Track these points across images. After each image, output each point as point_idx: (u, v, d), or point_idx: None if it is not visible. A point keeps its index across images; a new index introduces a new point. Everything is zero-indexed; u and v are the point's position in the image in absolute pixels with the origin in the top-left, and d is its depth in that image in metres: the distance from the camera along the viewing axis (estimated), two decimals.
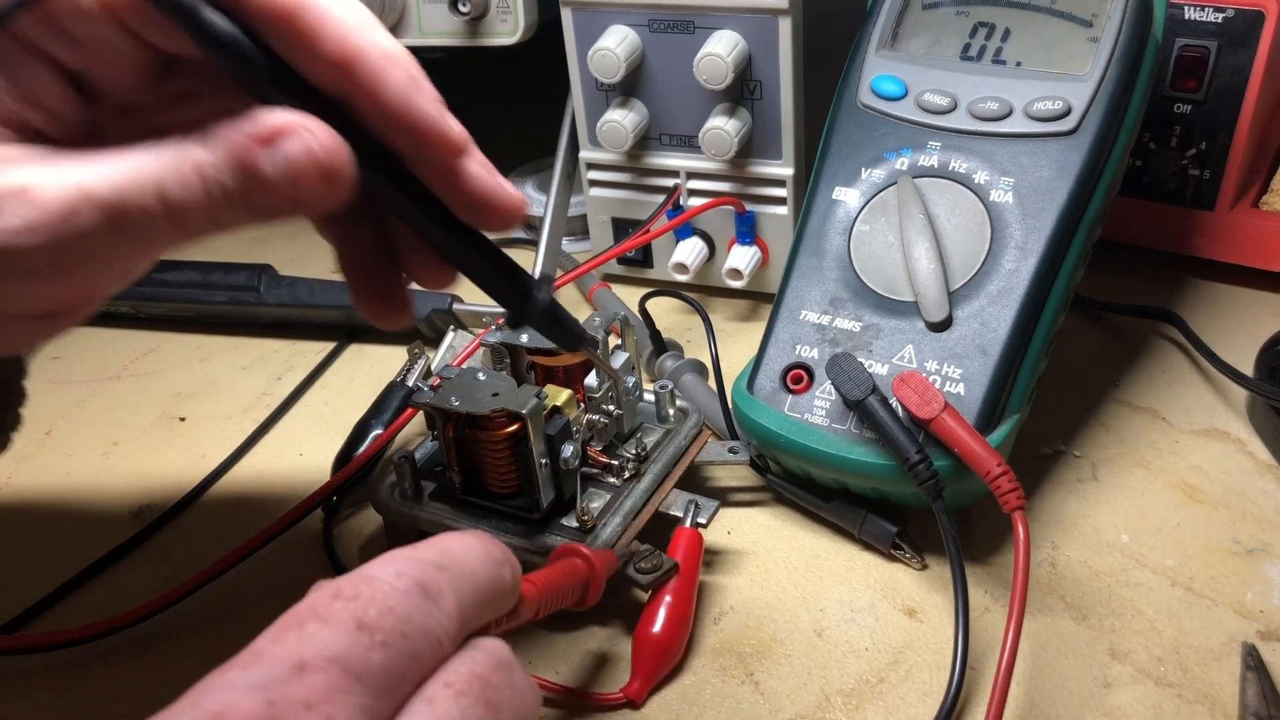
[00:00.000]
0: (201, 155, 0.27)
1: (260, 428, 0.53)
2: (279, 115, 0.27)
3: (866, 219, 0.45)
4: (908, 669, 0.38)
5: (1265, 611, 0.39)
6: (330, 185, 0.28)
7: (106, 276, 0.30)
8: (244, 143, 0.27)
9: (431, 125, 0.29)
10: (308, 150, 0.27)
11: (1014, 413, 0.42)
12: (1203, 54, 0.54)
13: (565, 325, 0.34)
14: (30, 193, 0.27)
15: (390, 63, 0.28)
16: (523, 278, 0.33)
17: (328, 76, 0.28)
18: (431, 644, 0.24)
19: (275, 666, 0.22)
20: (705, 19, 0.53)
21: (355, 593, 0.24)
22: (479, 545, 0.27)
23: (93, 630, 0.40)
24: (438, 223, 0.31)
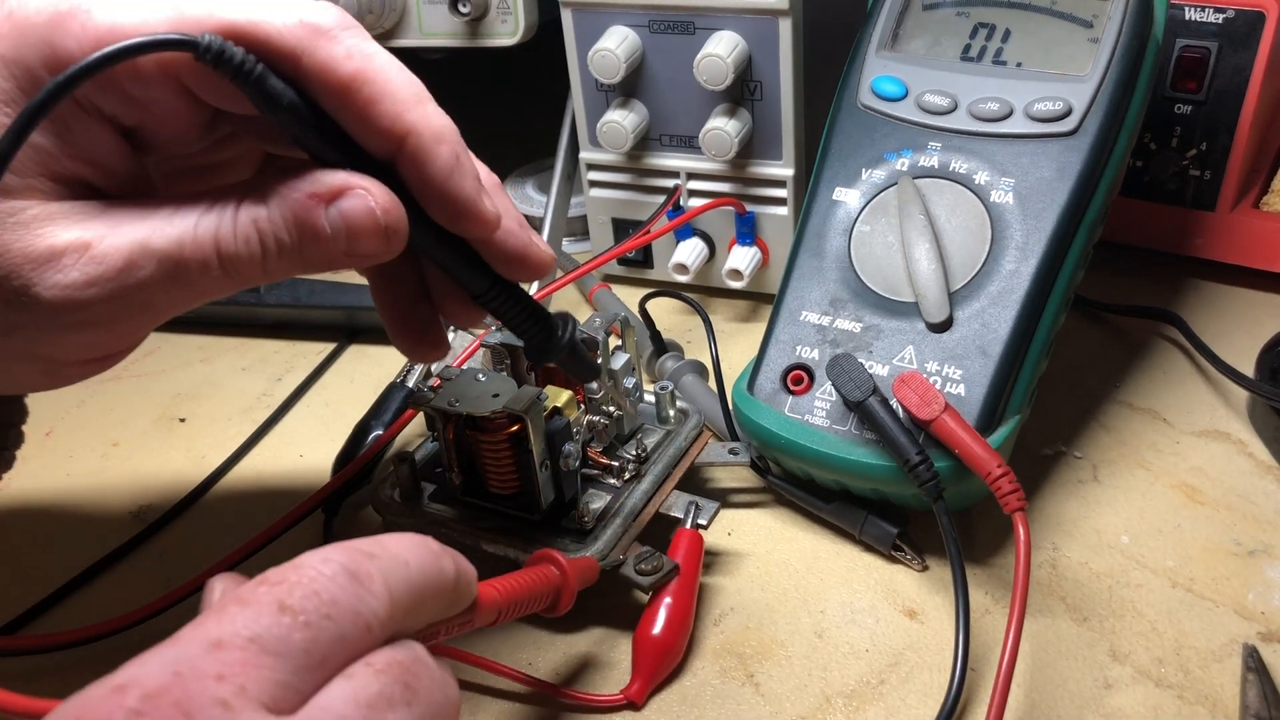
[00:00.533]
0: (260, 213, 0.29)
1: (260, 429, 0.53)
2: (338, 175, 0.29)
3: (867, 219, 0.45)
4: (908, 670, 0.38)
5: (1266, 613, 0.39)
6: (387, 242, 0.29)
7: (159, 323, 0.31)
8: (304, 201, 0.29)
9: (469, 205, 0.31)
10: (367, 209, 0.29)
11: (1014, 414, 0.41)
12: (1203, 55, 0.54)
13: (585, 361, 0.37)
14: (92, 249, 0.28)
15: (439, 142, 0.30)
16: (548, 318, 0.35)
17: (377, 145, 0.30)
18: (360, 627, 0.24)
19: (190, 645, 0.23)
20: (705, 20, 0.53)
21: (281, 578, 0.24)
22: (417, 538, 0.28)
23: (93, 631, 0.40)
24: (471, 274, 0.33)
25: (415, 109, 0.29)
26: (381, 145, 0.30)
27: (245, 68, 0.28)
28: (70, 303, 0.28)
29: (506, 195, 0.34)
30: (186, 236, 0.28)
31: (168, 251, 0.28)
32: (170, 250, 0.28)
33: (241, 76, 0.28)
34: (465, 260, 0.32)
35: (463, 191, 0.30)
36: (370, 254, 0.30)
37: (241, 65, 0.28)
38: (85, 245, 0.28)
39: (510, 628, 0.40)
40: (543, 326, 0.35)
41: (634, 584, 0.39)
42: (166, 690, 0.22)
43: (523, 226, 0.34)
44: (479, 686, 0.38)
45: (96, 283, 0.28)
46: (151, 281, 0.28)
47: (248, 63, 0.28)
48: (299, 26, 0.29)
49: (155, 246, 0.28)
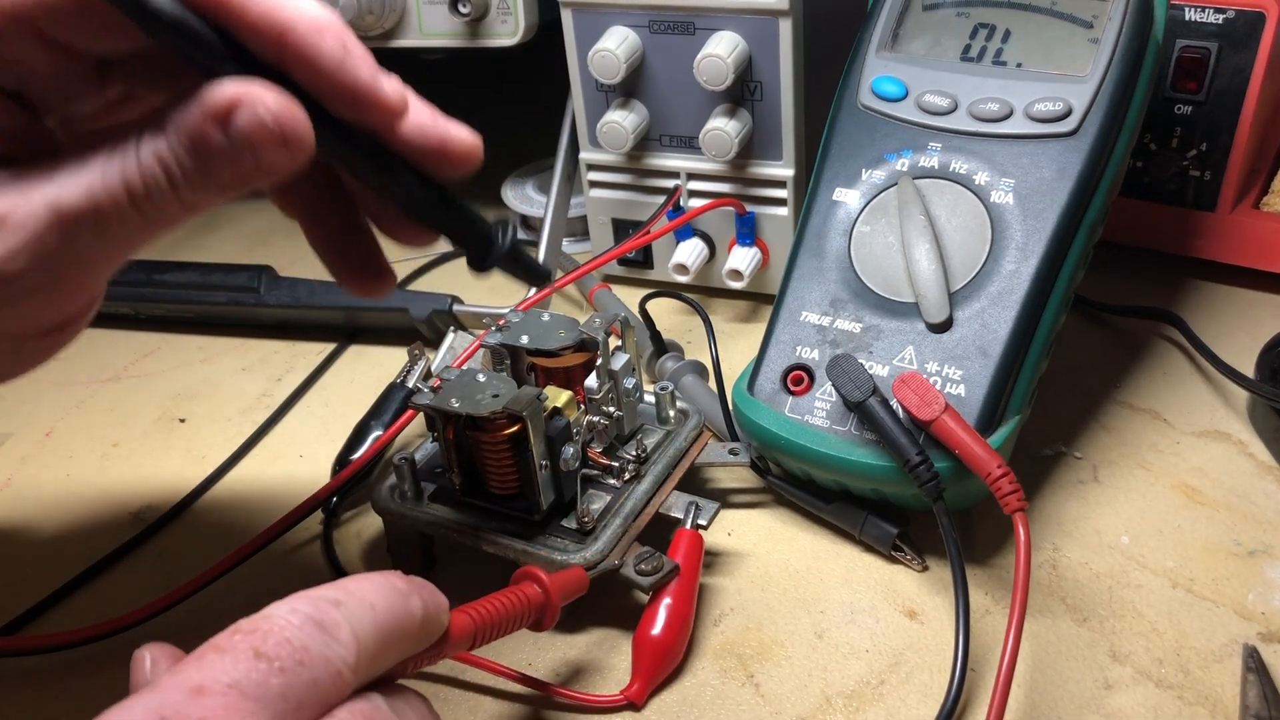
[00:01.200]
0: (160, 145, 0.28)
1: (260, 429, 0.53)
2: (227, 87, 0.27)
3: (867, 220, 0.45)
4: (908, 671, 0.38)
5: (1266, 613, 0.39)
6: (290, 148, 0.28)
7: (101, 279, 0.31)
8: (198, 124, 0.27)
9: (366, 91, 0.29)
10: (259, 119, 0.27)
11: (1015, 414, 0.41)
12: (1203, 55, 0.54)
13: (528, 264, 0.35)
14: (7, 220, 0.28)
15: (320, 33, 0.28)
16: (484, 223, 0.33)
17: (260, 51, 0.28)
18: (330, 673, 0.25)
19: (172, 691, 0.23)
20: (705, 20, 0.53)
21: (253, 627, 0.25)
22: (380, 579, 0.28)
23: (93, 632, 0.40)
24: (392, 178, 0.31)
25: (288, 4, 0.28)
26: (265, 49, 0.28)
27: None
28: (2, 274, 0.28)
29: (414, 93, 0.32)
30: (95, 186, 0.28)
31: (80, 206, 0.28)
32: (82, 204, 0.28)
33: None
34: (382, 163, 0.31)
35: (357, 78, 0.29)
36: (277, 165, 0.28)
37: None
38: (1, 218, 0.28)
39: None
40: (480, 231, 0.33)
41: (634, 584, 0.39)
42: None
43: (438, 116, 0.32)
44: (479, 686, 0.38)
45: (19, 252, 0.28)
46: (72, 240, 0.28)
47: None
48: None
49: (67, 204, 0.28)
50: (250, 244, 0.72)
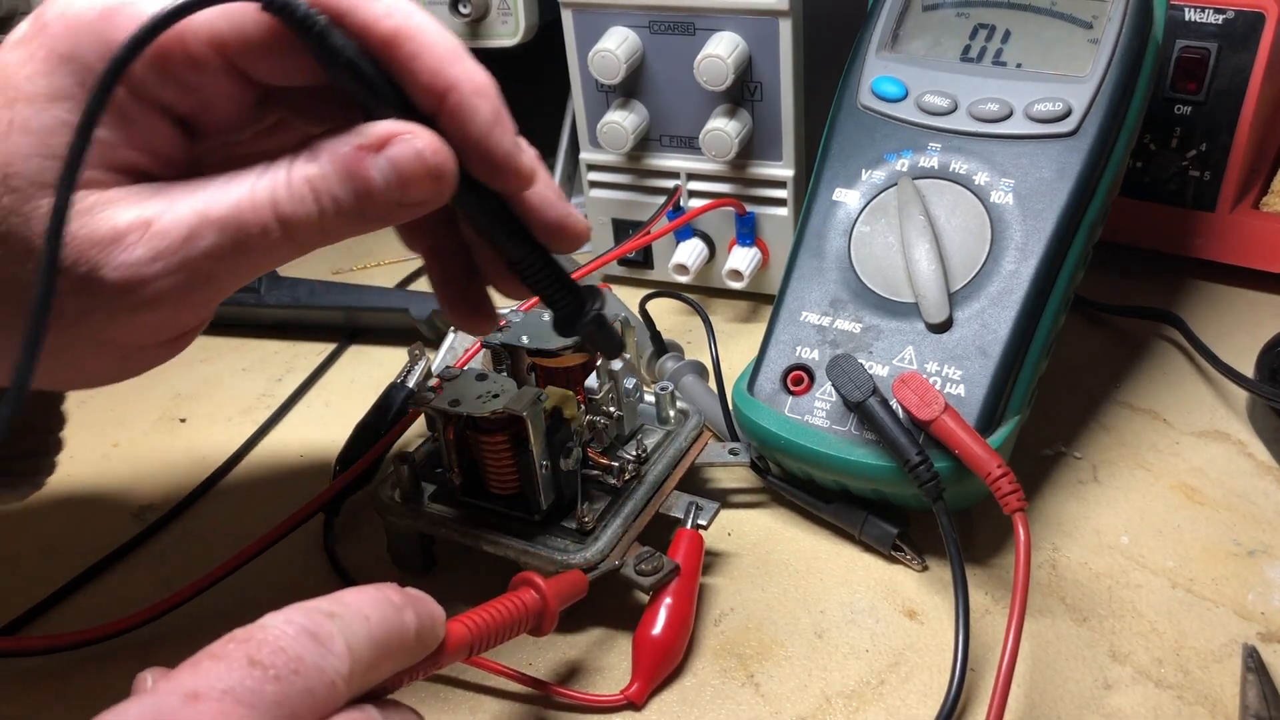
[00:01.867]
0: (312, 170, 0.29)
1: (261, 429, 0.53)
2: (382, 124, 0.29)
3: (867, 220, 0.45)
4: (908, 670, 0.38)
5: (1266, 613, 0.39)
6: (437, 184, 0.29)
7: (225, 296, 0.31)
8: (353, 153, 0.29)
9: (507, 159, 0.31)
10: (415, 151, 0.29)
11: (1014, 414, 0.42)
12: (1203, 55, 0.54)
13: (611, 335, 0.37)
14: (153, 225, 0.28)
15: (481, 96, 0.30)
16: (579, 290, 0.35)
17: (420, 101, 0.30)
18: (325, 683, 0.25)
19: (168, 696, 0.24)
20: (705, 20, 0.53)
21: (248, 636, 0.25)
22: (375, 592, 0.28)
23: (94, 634, 0.40)
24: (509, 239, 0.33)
25: (456, 64, 0.30)
26: (424, 101, 0.30)
27: (311, 19, 0.28)
28: (136, 280, 0.28)
29: (545, 167, 0.35)
30: (244, 201, 0.29)
31: (227, 217, 0.29)
32: (229, 216, 0.29)
33: (306, 29, 0.28)
34: (503, 222, 0.33)
35: (502, 145, 0.30)
36: (422, 200, 0.30)
37: (307, 17, 0.28)
38: (146, 223, 0.28)
39: None
40: (574, 297, 0.35)
41: (634, 584, 0.39)
42: None
43: (560, 197, 0.34)
44: (479, 686, 0.38)
45: (161, 257, 0.28)
46: (214, 250, 0.29)
47: (312, 14, 0.28)
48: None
49: (214, 215, 0.29)
50: None
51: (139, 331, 0.31)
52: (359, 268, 0.68)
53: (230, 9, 0.29)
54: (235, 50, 0.29)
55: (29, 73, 0.28)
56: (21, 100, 0.28)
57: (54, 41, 0.28)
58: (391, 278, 0.65)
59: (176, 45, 0.29)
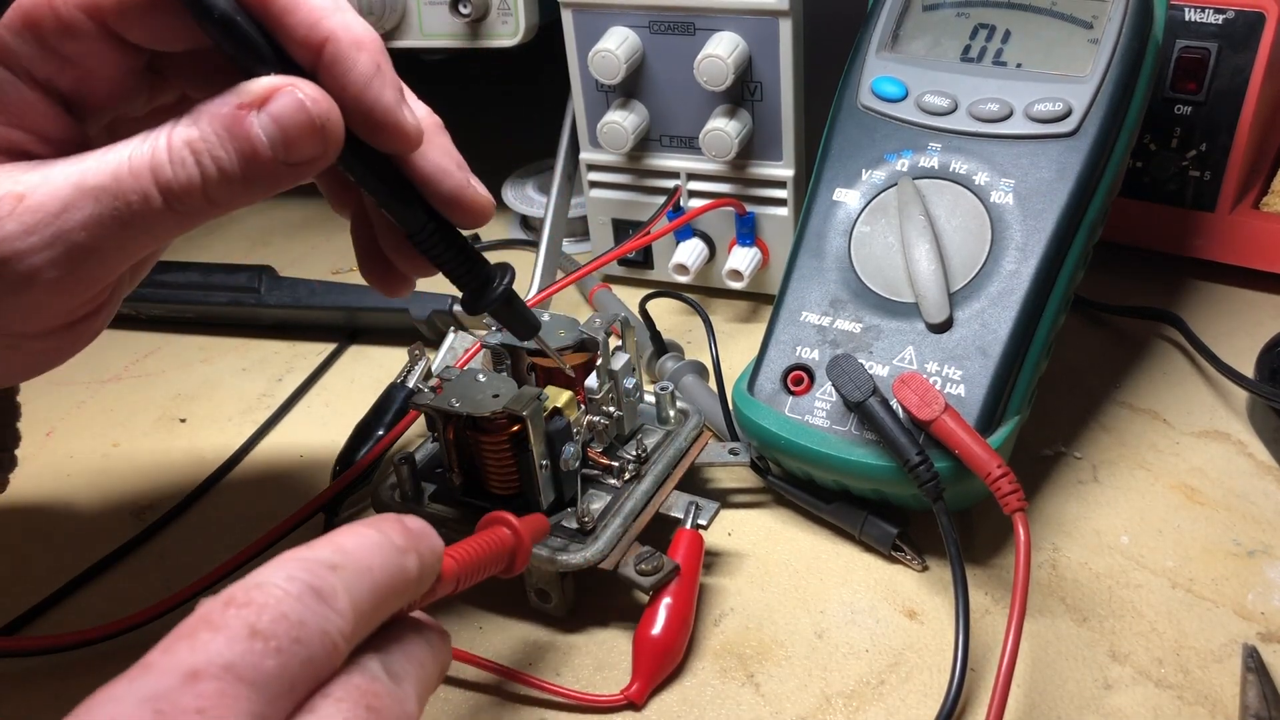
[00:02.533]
0: (192, 132, 0.28)
1: (261, 429, 0.53)
2: (264, 80, 0.28)
3: (867, 220, 0.45)
4: (908, 671, 0.38)
5: (1266, 613, 0.39)
6: (321, 137, 0.28)
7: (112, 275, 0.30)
8: (233, 112, 0.28)
9: (387, 114, 0.29)
10: (297, 103, 0.28)
11: (1014, 414, 0.42)
12: (1203, 55, 0.54)
13: (521, 315, 0.36)
14: (26, 198, 0.27)
15: (358, 49, 0.29)
16: (484, 266, 0.34)
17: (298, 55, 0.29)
18: (326, 647, 0.24)
19: (165, 676, 0.22)
20: (705, 20, 0.53)
21: (248, 599, 0.24)
22: (378, 537, 0.27)
23: (94, 633, 0.40)
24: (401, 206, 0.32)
25: (334, 15, 0.29)
26: (303, 55, 0.29)
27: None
28: (10, 255, 0.27)
29: (447, 135, 0.33)
30: (121, 168, 0.28)
31: (103, 186, 0.27)
32: (106, 184, 0.27)
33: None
34: (396, 191, 0.31)
35: (381, 99, 0.29)
36: (309, 156, 0.28)
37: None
38: (19, 196, 0.27)
39: (510, 628, 0.40)
40: (478, 273, 0.34)
41: (634, 584, 0.39)
42: None
43: (461, 168, 0.33)
44: (479, 686, 0.38)
45: (34, 230, 0.27)
46: (92, 221, 0.27)
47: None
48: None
49: (90, 184, 0.27)
50: (251, 244, 0.72)
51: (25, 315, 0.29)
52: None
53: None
54: (108, 11, 0.28)
55: None
56: None
57: None
58: None
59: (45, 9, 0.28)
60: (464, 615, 0.41)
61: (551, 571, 0.39)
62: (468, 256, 0.34)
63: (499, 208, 0.68)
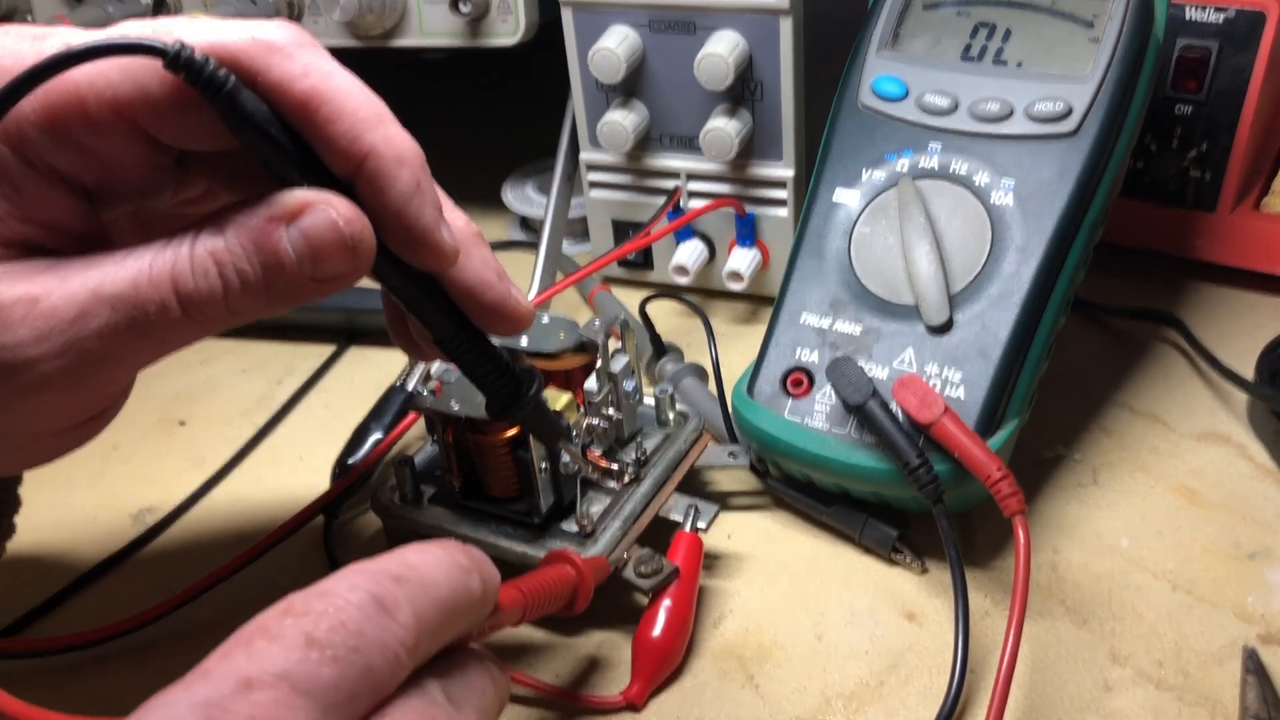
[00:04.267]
0: (217, 243, 0.27)
1: (260, 431, 0.53)
2: (296, 194, 0.27)
3: (867, 221, 0.45)
4: (908, 672, 0.38)
5: (1266, 615, 0.39)
6: (352, 257, 0.27)
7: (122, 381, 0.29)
8: (263, 225, 0.27)
9: (425, 234, 0.29)
10: (329, 221, 0.27)
11: (1014, 416, 0.41)
12: (1204, 55, 0.54)
13: (549, 422, 0.36)
14: (40, 303, 0.26)
15: (400, 165, 0.28)
16: (511, 372, 0.34)
17: (337, 167, 0.28)
18: (387, 658, 0.24)
19: (221, 684, 0.22)
20: (706, 19, 0.53)
21: (307, 608, 0.23)
22: (443, 555, 0.26)
23: (94, 635, 0.40)
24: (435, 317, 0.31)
25: (376, 129, 0.28)
26: (341, 167, 0.28)
27: (218, 80, 0.26)
28: (21, 362, 0.26)
29: (486, 245, 0.32)
30: (141, 277, 0.26)
31: (122, 294, 0.26)
32: (125, 293, 0.26)
33: (213, 89, 0.26)
34: (428, 302, 0.31)
35: (420, 218, 0.28)
36: (336, 274, 0.28)
37: (214, 77, 0.26)
38: (33, 299, 0.26)
39: (510, 629, 0.40)
40: (508, 382, 0.34)
41: (634, 586, 0.39)
42: None
43: (502, 278, 0.32)
44: None
45: (47, 337, 0.26)
46: (107, 330, 0.26)
47: (220, 74, 0.26)
48: (252, 44, 0.27)
49: (108, 291, 0.26)
50: None
51: (30, 419, 0.28)
52: None
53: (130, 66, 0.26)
54: (138, 112, 0.27)
55: None
56: None
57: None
58: None
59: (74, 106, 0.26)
60: None
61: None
62: (496, 365, 0.33)
63: (498, 208, 0.68)
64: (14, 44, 0.27)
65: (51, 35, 0.27)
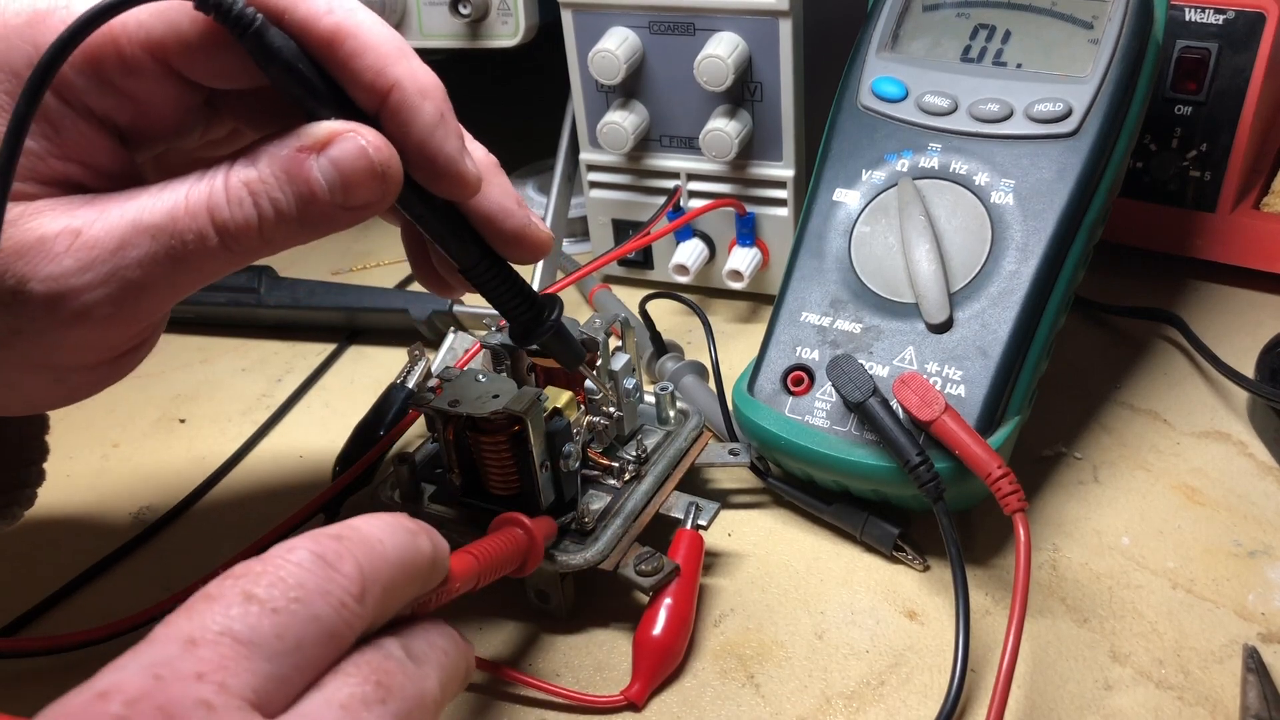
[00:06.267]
0: (250, 173, 0.28)
1: (260, 429, 0.53)
2: (325, 125, 0.28)
3: (867, 220, 0.45)
4: (908, 671, 0.38)
5: (1266, 614, 0.39)
6: (381, 184, 0.28)
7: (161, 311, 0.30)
8: (293, 155, 0.28)
9: (449, 163, 0.30)
10: (358, 149, 0.28)
11: (1015, 414, 0.41)
12: (1203, 56, 0.54)
13: (570, 346, 0.37)
14: (83, 234, 0.27)
15: (424, 97, 0.29)
16: (534, 299, 0.35)
17: (362, 100, 0.29)
18: (333, 605, 0.24)
19: (166, 645, 0.23)
20: (705, 20, 0.53)
21: (246, 570, 0.24)
22: (388, 518, 0.27)
23: (94, 634, 0.40)
24: (457, 244, 0.32)
25: (400, 63, 0.29)
26: (366, 101, 0.29)
27: (246, 18, 0.27)
28: (65, 292, 0.27)
29: (503, 174, 0.34)
30: (178, 207, 0.28)
31: (160, 225, 0.27)
32: (163, 223, 0.27)
33: (241, 27, 0.27)
34: (453, 231, 0.32)
35: (444, 148, 0.29)
36: (366, 201, 0.29)
37: (242, 15, 0.27)
38: (75, 232, 0.27)
39: (510, 628, 0.40)
40: (530, 306, 0.35)
41: (634, 585, 0.39)
42: (149, 695, 0.22)
43: (521, 205, 0.33)
44: (479, 686, 0.38)
45: (91, 267, 0.27)
46: (147, 260, 0.27)
47: (248, 13, 0.27)
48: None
49: (147, 221, 0.27)
50: None
51: (73, 350, 0.29)
52: (359, 268, 0.68)
53: (162, 8, 0.27)
54: (171, 51, 0.28)
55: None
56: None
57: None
58: (391, 278, 0.65)
59: (109, 48, 0.27)
60: (464, 615, 0.41)
61: (551, 572, 0.39)
62: (519, 291, 0.34)
63: None
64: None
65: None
